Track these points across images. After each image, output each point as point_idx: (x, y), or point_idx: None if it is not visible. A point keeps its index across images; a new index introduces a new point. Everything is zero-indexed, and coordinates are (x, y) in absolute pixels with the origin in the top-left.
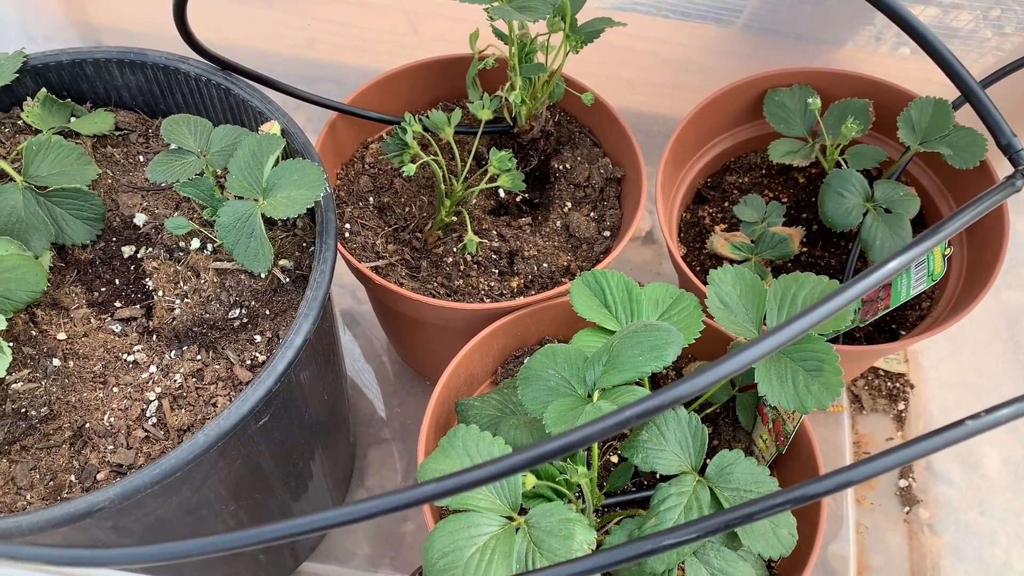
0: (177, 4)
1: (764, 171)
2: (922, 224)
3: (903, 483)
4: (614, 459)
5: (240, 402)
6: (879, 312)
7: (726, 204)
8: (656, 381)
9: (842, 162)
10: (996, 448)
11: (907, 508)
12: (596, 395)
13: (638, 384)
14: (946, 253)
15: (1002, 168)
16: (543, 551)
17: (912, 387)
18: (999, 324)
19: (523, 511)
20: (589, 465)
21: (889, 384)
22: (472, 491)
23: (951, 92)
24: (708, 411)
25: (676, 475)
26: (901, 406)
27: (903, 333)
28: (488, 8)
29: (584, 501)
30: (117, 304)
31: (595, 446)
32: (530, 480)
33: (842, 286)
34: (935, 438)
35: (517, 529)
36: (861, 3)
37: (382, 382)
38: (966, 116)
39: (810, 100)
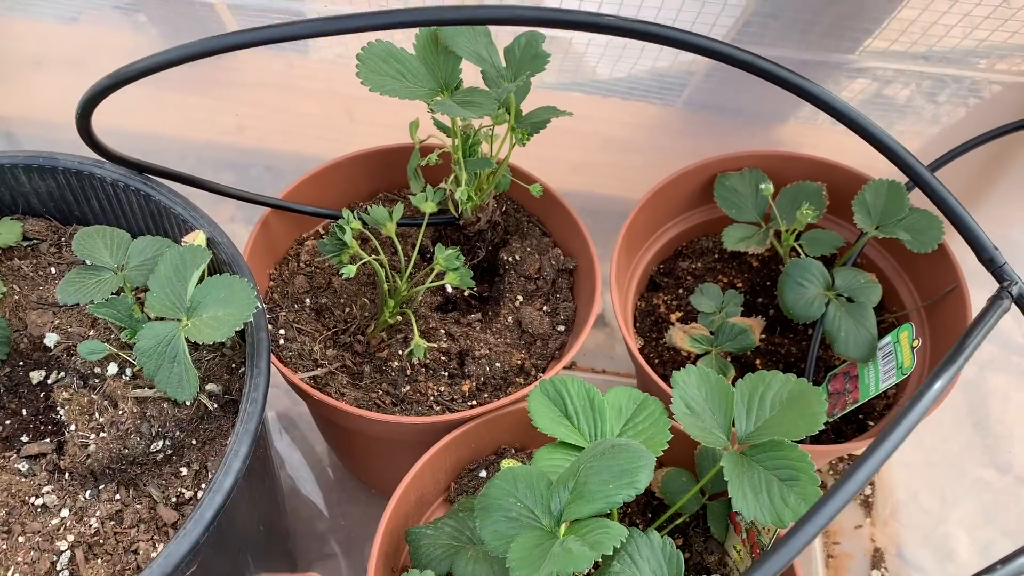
0: (81, 112)
1: (717, 256)
2: (883, 308)
3: (875, 573)
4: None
5: (163, 559)
6: (847, 407)
7: (680, 291)
8: None
9: (798, 248)
10: (965, 530)
11: None
12: (563, 528)
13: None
14: (915, 346)
15: (964, 245)
16: None
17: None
18: (961, 404)
19: None
20: None
21: None
22: None
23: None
24: (678, 522)
25: None
26: (868, 491)
27: (871, 424)
28: (430, 103)
29: None
30: (24, 439)
31: None
32: None
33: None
34: None
35: None
36: None
37: (324, 490)
38: (921, 198)
39: (762, 186)
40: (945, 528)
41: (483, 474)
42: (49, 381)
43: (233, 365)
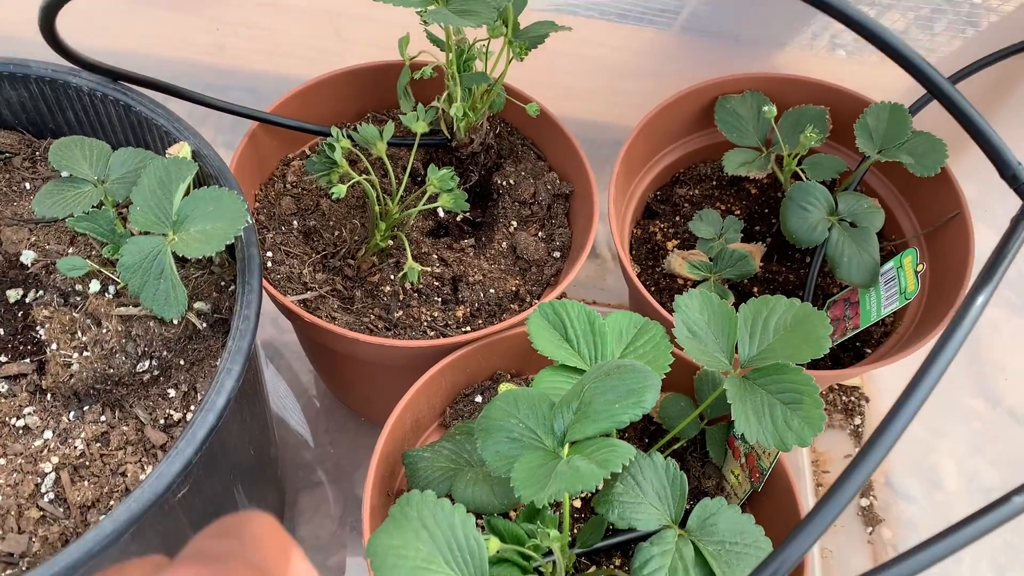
0: (44, 19)
1: (715, 182)
2: (882, 237)
3: (864, 502)
4: (577, 503)
5: (155, 479)
6: (847, 333)
7: (677, 218)
8: None
9: (800, 173)
10: (954, 459)
11: (870, 528)
12: (566, 448)
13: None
14: (919, 270)
15: (963, 175)
16: None
17: (868, 400)
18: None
19: None
20: (561, 527)
21: (844, 398)
22: (433, 569)
23: (902, 95)
24: (675, 446)
25: (656, 531)
26: (857, 421)
27: (868, 352)
28: (423, 12)
29: (555, 565)
30: (2, 359)
31: (567, 506)
32: (494, 544)
33: None
34: (983, 520)
35: None
36: (798, 5)
37: (311, 419)
38: (922, 121)
39: (765, 108)
40: (934, 457)
41: (479, 399)
42: (27, 300)
43: (222, 283)
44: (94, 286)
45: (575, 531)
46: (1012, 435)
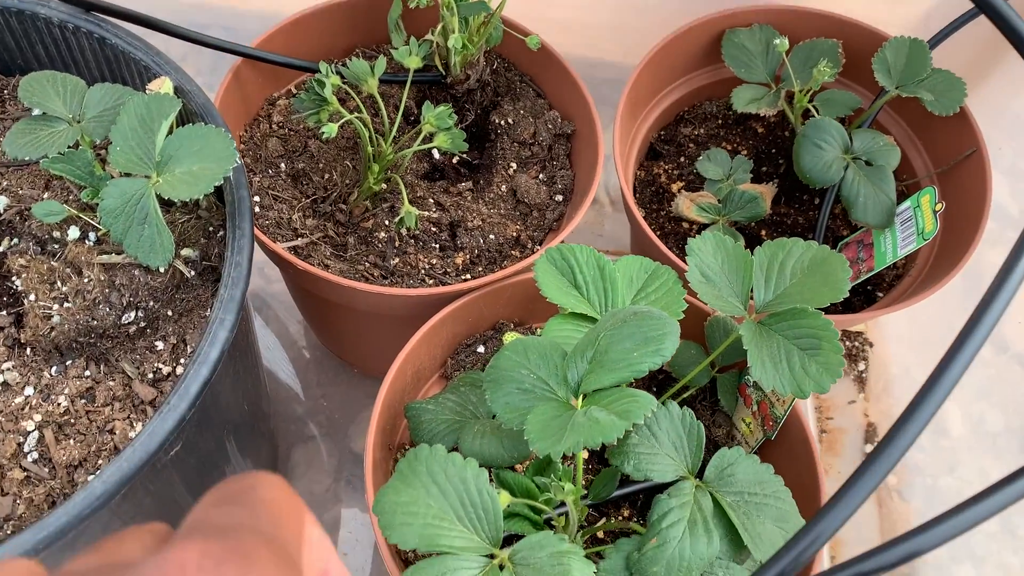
0: None
1: (720, 121)
2: (895, 177)
3: (868, 448)
4: (584, 455)
5: (147, 436)
6: (861, 275)
7: (682, 159)
8: None
9: (812, 109)
10: (958, 405)
11: None
12: (580, 399)
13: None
14: (937, 209)
15: (982, 115)
16: None
17: (871, 345)
18: (957, 280)
19: (505, 543)
20: (574, 479)
21: (848, 343)
22: (444, 527)
23: (916, 32)
24: (685, 395)
25: (673, 482)
26: (861, 366)
27: (880, 295)
28: None
29: (567, 518)
30: None
31: (580, 458)
32: (504, 498)
33: None
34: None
35: (501, 568)
36: None
37: (301, 372)
38: (940, 58)
39: (776, 41)
40: None
41: (481, 349)
42: (1, 248)
43: (211, 229)
44: (73, 233)
45: (585, 483)
46: (1018, 381)
